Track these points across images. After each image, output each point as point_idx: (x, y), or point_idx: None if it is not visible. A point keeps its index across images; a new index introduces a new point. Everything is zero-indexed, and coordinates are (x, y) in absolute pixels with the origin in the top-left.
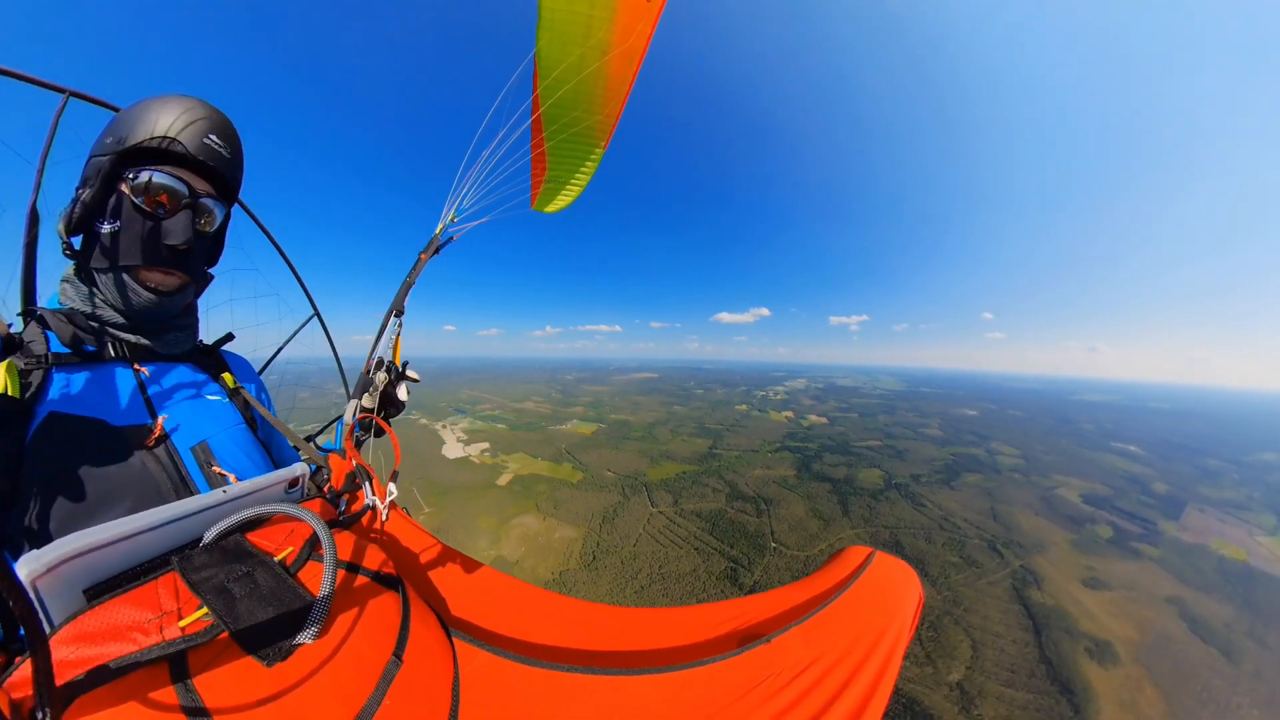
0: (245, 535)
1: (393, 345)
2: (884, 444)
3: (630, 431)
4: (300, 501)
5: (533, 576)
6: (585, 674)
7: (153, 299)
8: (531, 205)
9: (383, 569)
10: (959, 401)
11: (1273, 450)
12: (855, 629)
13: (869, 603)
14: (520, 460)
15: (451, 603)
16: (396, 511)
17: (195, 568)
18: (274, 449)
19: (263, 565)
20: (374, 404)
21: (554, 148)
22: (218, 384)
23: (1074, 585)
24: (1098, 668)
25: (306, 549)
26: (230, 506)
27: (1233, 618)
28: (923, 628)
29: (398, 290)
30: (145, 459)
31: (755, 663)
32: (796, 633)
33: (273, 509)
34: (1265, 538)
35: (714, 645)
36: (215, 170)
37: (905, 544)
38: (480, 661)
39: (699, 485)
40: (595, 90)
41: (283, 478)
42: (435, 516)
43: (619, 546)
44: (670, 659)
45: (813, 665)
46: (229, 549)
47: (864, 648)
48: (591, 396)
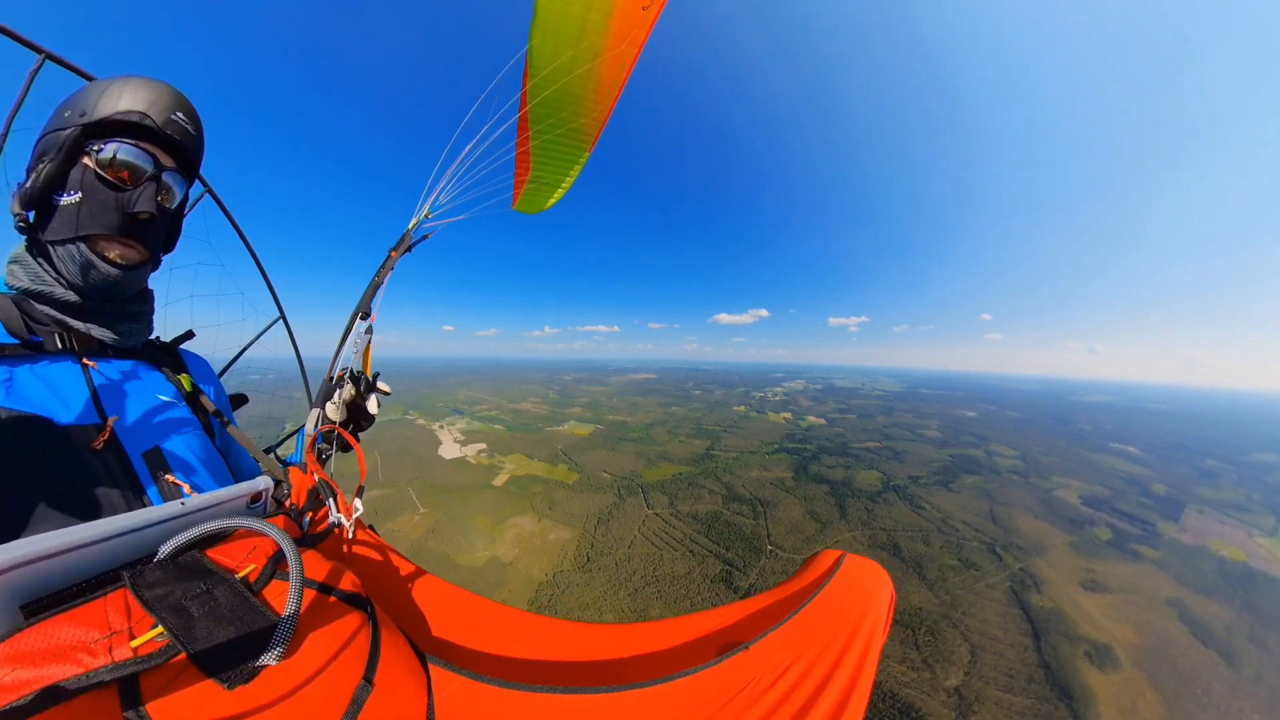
0: (204, 551)
1: (361, 352)
2: (882, 445)
3: (627, 433)
4: (264, 517)
5: (527, 578)
6: (565, 694)
7: (112, 272)
8: (513, 205)
9: (351, 589)
10: (958, 403)
11: (1271, 451)
12: (830, 630)
13: (842, 603)
14: (516, 461)
15: (423, 625)
16: (363, 530)
17: (149, 584)
18: (231, 459)
19: (223, 583)
20: (338, 414)
21: (538, 147)
22: (174, 385)
23: (1073, 588)
24: (1097, 672)
25: (270, 566)
26: (188, 520)
27: (1233, 620)
28: (920, 632)
29: (365, 290)
30: (93, 462)
31: (736, 670)
32: (774, 637)
33: (236, 524)
34: (1264, 539)
35: (694, 655)
36: (180, 146)
37: (903, 547)
38: (455, 687)
39: (695, 487)
40: (584, 93)
41: (246, 491)
42: (430, 517)
43: (614, 548)
44: (651, 672)
45: (792, 667)
46: (186, 565)
47: (840, 647)
48: (589, 397)
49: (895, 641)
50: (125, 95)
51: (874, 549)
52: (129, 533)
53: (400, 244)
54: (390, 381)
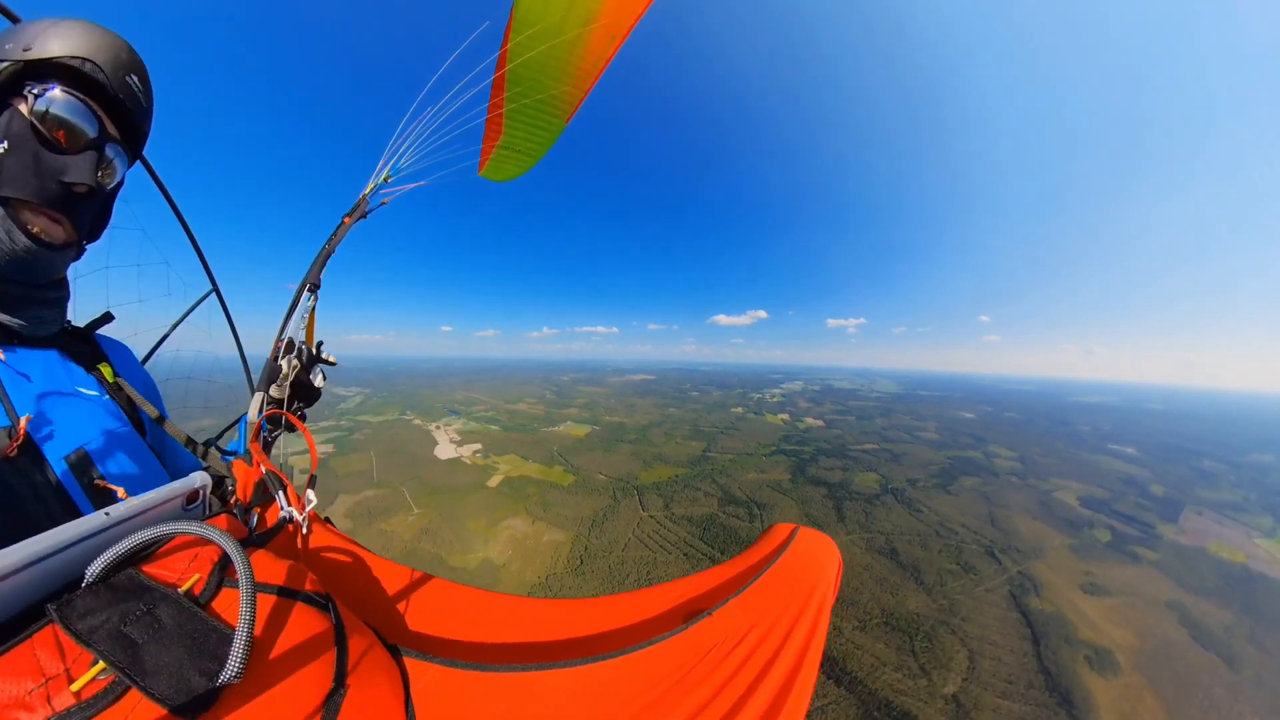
0: (138, 567)
1: (305, 324)
2: (880, 447)
3: (624, 434)
4: (203, 519)
5: (519, 580)
6: (541, 670)
7: (32, 248)
8: (479, 170)
9: (309, 588)
10: (956, 404)
11: (1268, 451)
12: (785, 595)
13: (796, 571)
14: (511, 462)
15: (391, 618)
16: (320, 524)
17: (80, 614)
18: (166, 456)
19: (165, 600)
20: (283, 395)
21: (513, 111)
22: (94, 376)
23: (1073, 591)
24: (1098, 677)
25: (216, 574)
26: (116, 531)
27: (1233, 622)
28: (916, 638)
29: (314, 260)
30: (5, 472)
31: (701, 635)
32: (735, 604)
33: (170, 530)
34: (1263, 540)
35: (662, 624)
36: (128, 115)
37: (901, 551)
38: (431, 676)
39: (691, 489)
40: (569, 59)
41: (178, 491)
42: (424, 517)
43: (607, 551)
44: (622, 642)
45: (752, 631)
46: (120, 586)
47: (794, 611)
48: (587, 398)
49: (891, 648)
50: (78, 38)
51: (871, 553)
52: (48, 556)
53: (355, 209)
54: (389, 382)
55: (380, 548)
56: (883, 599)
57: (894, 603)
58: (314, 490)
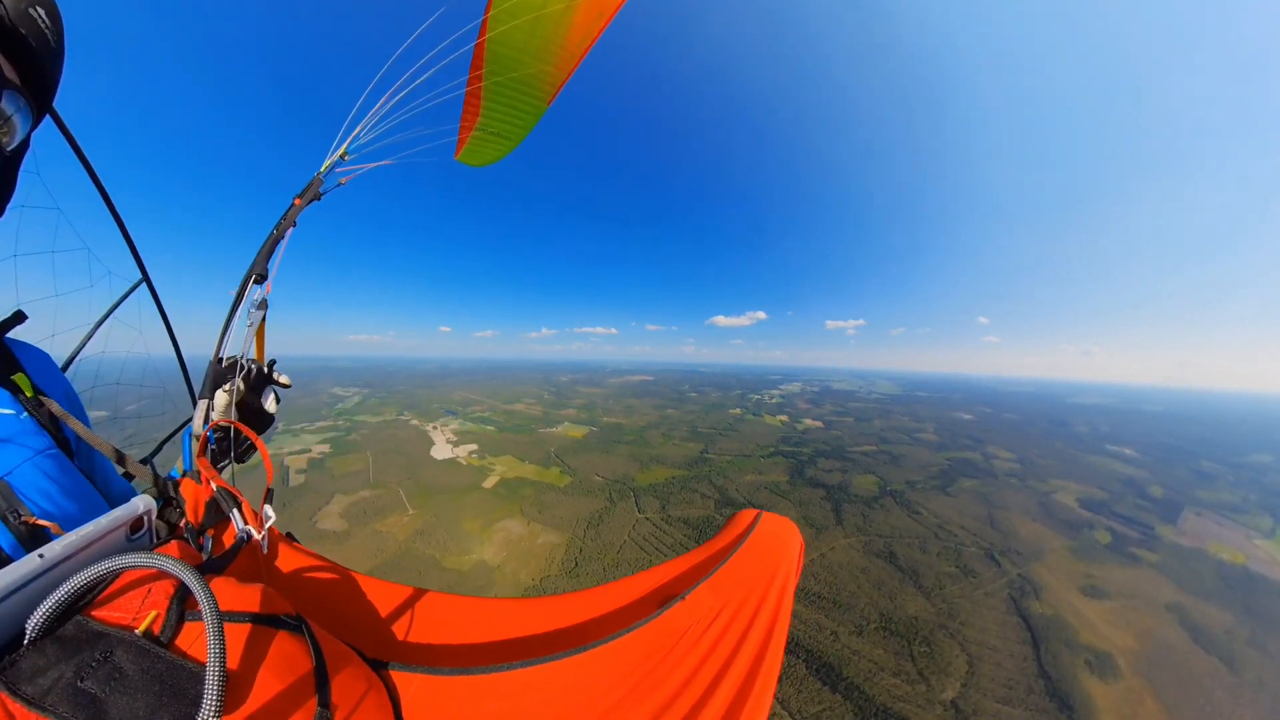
0: (86, 612)
1: (253, 332)
2: (879, 449)
3: (622, 435)
4: (152, 548)
5: (514, 582)
6: (528, 667)
7: None
8: (456, 154)
9: (278, 611)
10: (955, 405)
11: (1266, 452)
12: (752, 576)
13: (760, 554)
14: (507, 463)
15: (369, 632)
16: (282, 540)
17: (28, 676)
18: (99, 479)
19: (122, 645)
20: (230, 401)
21: (492, 89)
22: (8, 391)
23: (1073, 594)
24: (1098, 681)
25: (175, 608)
26: (54, 575)
27: (1233, 624)
28: (915, 643)
29: (261, 246)
30: None
31: (675, 619)
32: (705, 587)
33: (116, 565)
34: (1263, 540)
35: (638, 611)
36: (33, 54)
37: (899, 554)
38: (418, 686)
39: (688, 491)
40: (554, 34)
41: (121, 520)
42: (419, 518)
43: (602, 554)
44: (602, 632)
45: (722, 611)
46: (69, 637)
47: (760, 591)
48: (585, 399)
49: (889, 653)
50: None
51: (870, 556)
52: None
53: (308, 190)
54: (387, 382)
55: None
56: (881, 603)
57: (892, 607)
58: (271, 505)
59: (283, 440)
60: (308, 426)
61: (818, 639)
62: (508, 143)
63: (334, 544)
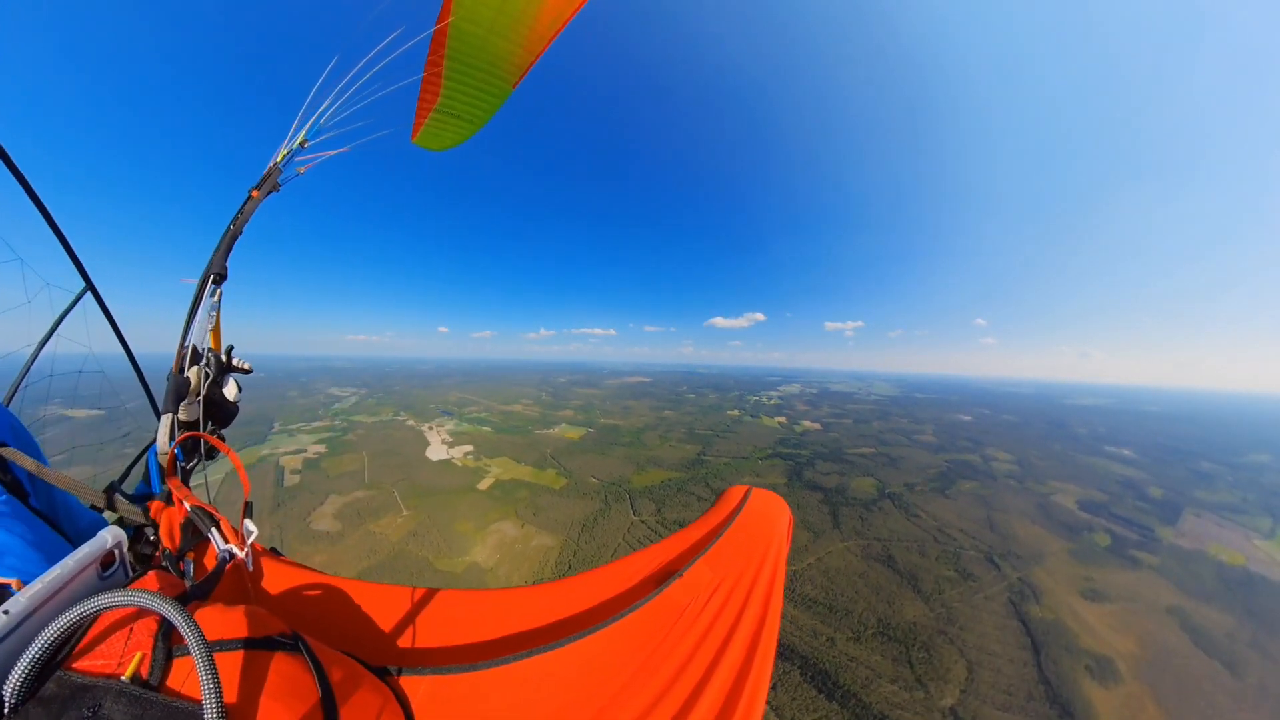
0: (66, 665)
1: (210, 326)
2: (877, 451)
3: (618, 437)
4: (127, 583)
5: (506, 585)
6: (532, 657)
7: None
8: (413, 137)
9: (272, 632)
10: (953, 407)
11: (1264, 451)
12: (747, 549)
13: (753, 527)
14: (503, 464)
15: (370, 639)
16: (267, 556)
17: None
18: (62, 517)
19: (110, 694)
20: (197, 415)
21: (454, 70)
22: None
23: (1073, 598)
24: (1099, 687)
25: (161, 646)
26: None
27: (1234, 627)
28: (913, 649)
29: (218, 243)
30: None
31: (675, 595)
32: (702, 563)
33: (91, 608)
34: (1262, 541)
35: (639, 591)
36: None
37: (898, 558)
38: (426, 687)
39: (684, 493)
40: (524, 12)
41: (89, 558)
42: (413, 519)
43: (596, 557)
44: (605, 614)
45: (721, 585)
46: (52, 697)
47: (756, 562)
48: (582, 400)
49: (887, 660)
50: None
51: (868, 560)
52: None
53: (265, 181)
54: (384, 382)
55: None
56: (879, 608)
57: (890, 612)
58: (251, 519)
59: (279, 440)
60: (304, 426)
61: (814, 645)
62: (469, 125)
63: (328, 545)
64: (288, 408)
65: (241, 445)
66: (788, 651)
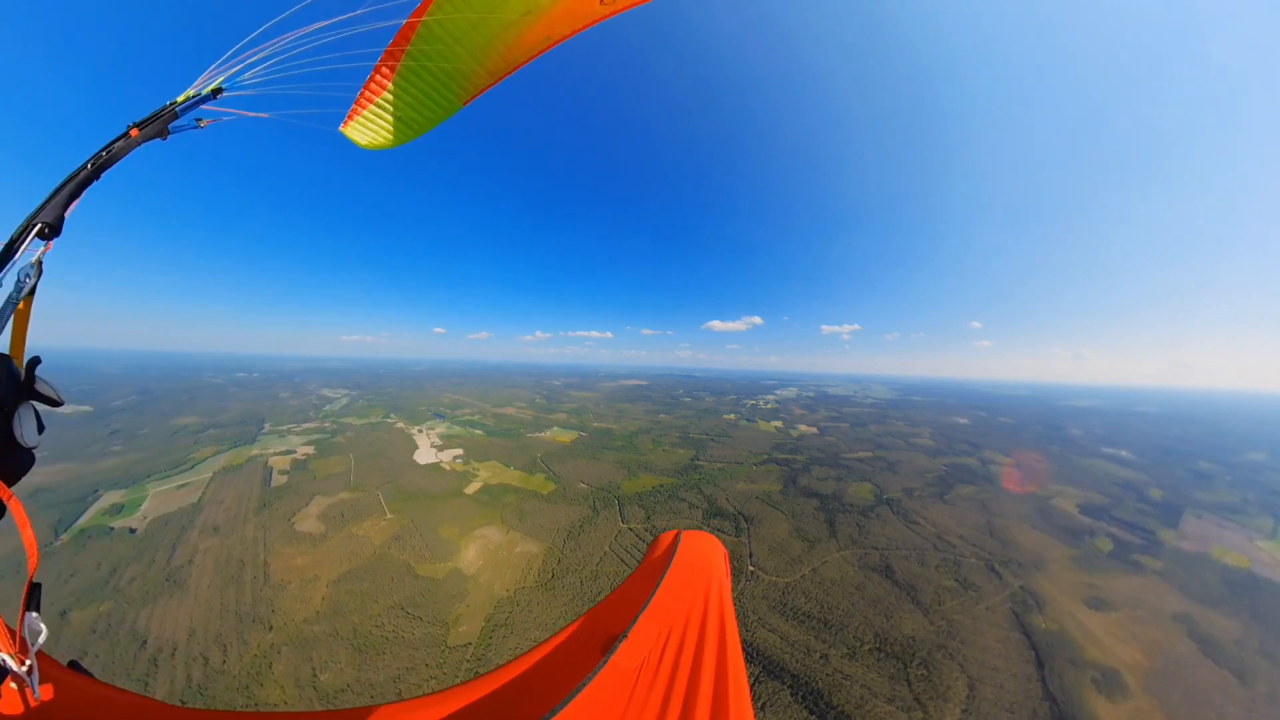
0: None
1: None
2: (875, 455)
3: (611, 441)
4: None
5: (487, 593)
6: None
7: None
8: (342, 126)
9: None
10: (950, 410)
11: (1261, 450)
12: (689, 595)
13: (689, 571)
14: (492, 469)
15: None
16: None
17: None
18: None
19: None
20: None
21: (411, 70)
22: None
23: (1077, 606)
24: (1105, 701)
25: None
26: None
27: (1242, 633)
28: (912, 665)
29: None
30: None
31: (625, 659)
32: (645, 618)
33: None
34: (1265, 542)
35: (585, 663)
36: None
37: (896, 568)
38: None
39: (676, 500)
40: (498, 39)
41: None
42: (397, 523)
43: (581, 565)
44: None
45: (671, 636)
46: None
47: (701, 606)
48: (576, 403)
49: (884, 677)
50: None
51: (865, 570)
52: None
53: (152, 120)
54: (377, 384)
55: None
56: (876, 622)
57: (888, 626)
58: (39, 615)
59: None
60: (294, 428)
61: (806, 663)
62: (409, 131)
63: (310, 546)
64: (279, 408)
65: (232, 445)
66: (777, 670)
